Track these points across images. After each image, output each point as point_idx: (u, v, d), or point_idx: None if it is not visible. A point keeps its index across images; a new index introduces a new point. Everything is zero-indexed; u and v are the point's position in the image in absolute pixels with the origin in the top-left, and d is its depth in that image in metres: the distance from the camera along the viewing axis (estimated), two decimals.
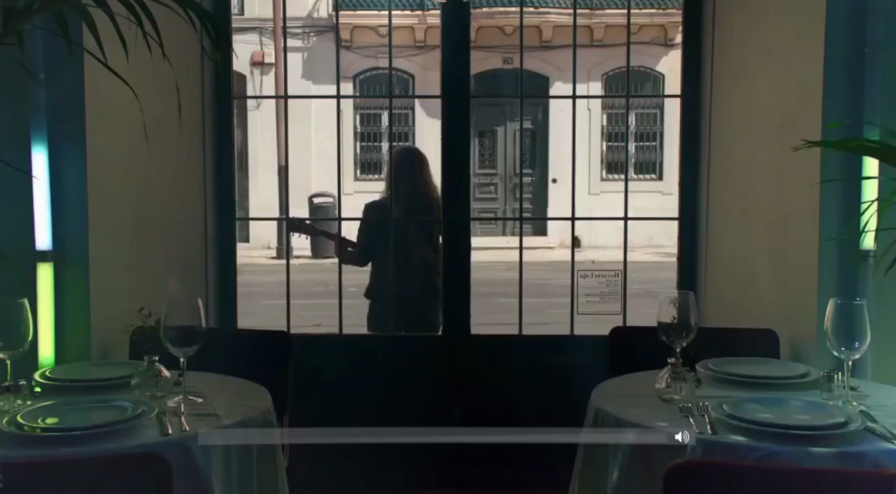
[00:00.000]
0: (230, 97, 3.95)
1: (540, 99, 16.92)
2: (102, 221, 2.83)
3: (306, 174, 15.24)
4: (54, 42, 2.45)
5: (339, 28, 15.25)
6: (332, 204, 15.06)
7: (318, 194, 14.38)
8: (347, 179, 16.62)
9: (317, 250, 13.68)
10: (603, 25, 16.52)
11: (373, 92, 17.43)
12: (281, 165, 16.40)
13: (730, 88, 3.66)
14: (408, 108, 16.76)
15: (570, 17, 4.40)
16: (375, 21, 16.63)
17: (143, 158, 3.14)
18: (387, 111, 17.36)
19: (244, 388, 2.43)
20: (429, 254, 4.19)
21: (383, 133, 17.67)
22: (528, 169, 17.65)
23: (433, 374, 3.85)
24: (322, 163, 14.84)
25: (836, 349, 2.22)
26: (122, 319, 2.78)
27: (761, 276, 3.32)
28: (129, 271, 3.10)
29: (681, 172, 3.99)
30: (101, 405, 2.13)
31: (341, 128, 17.41)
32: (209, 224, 3.83)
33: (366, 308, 4.21)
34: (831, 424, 1.95)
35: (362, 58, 16.58)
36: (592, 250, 14.43)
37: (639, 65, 16.89)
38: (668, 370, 2.31)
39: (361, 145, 17.55)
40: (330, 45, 17.19)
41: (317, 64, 16.49)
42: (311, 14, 17.50)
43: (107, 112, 2.80)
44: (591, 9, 16.44)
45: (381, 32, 16.83)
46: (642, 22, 16.74)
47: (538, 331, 4.39)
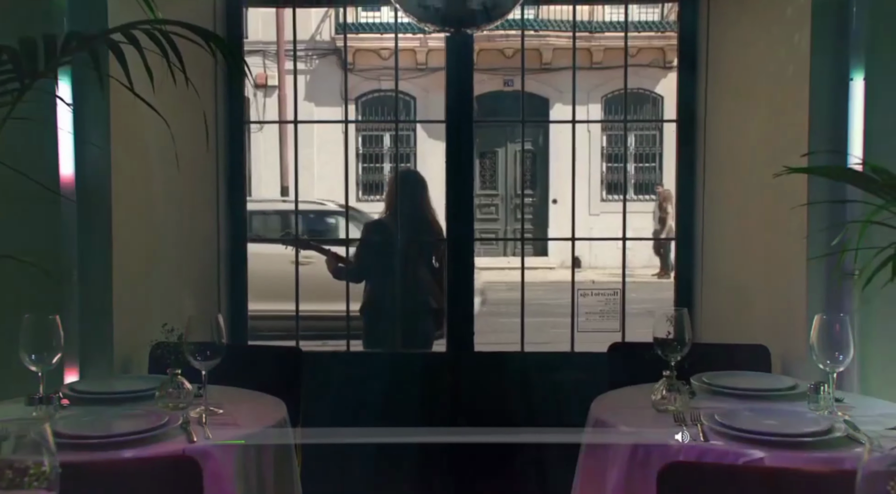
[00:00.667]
0: (242, 122, 4.10)
1: (541, 119, 17.11)
2: (124, 240, 2.97)
3: (308, 195, 15.41)
4: (82, 70, 2.61)
5: (346, 53, 15.45)
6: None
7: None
8: (351, 199, 16.80)
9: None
10: (602, 48, 16.74)
11: (375, 114, 17.65)
12: (284, 186, 16.62)
13: (723, 112, 3.81)
14: (409, 129, 16.97)
15: (570, 39, 4.55)
16: (377, 44, 16.87)
17: (162, 180, 3.29)
18: (388, 133, 17.60)
19: (261, 400, 2.56)
20: (425, 274, 4.33)
21: (385, 154, 17.87)
22: (529, 190, 17.82)
23: (438, 389, 3.97)
24: (324, 184, 15.01)
25: (822, 362, 2.35)
26: (141, 335, 2.91)
27: (754, 294, 3.46)
28: (145, 290, 3.24)
29: (677, 194, 4.12)
30: (129, 415, 2.26)
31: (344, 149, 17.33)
32: (221, 244, 3.97)
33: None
34: (816, 431, 2.08)
35: (364, 80, 16.82)
36: (593, 270, 14.58)
37: (638, 87, 17.09)
38: (663, 382, 2.44)
39: (363, 166, 17.73)
40: (332, 68, 17.43)
41: (319, 86, 16.72)
42: (314, 37, 17.74)
43: (129, 138, 2.95)
44: (591, 32, 16.65)
45: (383, 55, 17.07)
46: (641, 45, 16.96)
47: (539, 349, 4.52)
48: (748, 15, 3.59)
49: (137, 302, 3.10)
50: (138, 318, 3.07)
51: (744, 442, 2.05)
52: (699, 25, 3.93)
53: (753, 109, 3.47)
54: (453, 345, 4.04)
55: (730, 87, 3.75)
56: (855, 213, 2.59)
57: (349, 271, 4.38)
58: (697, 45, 3.97)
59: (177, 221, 3.54)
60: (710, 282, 3.91)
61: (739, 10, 3.66)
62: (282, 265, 5.68)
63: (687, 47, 4.04)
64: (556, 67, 16.68)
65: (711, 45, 3.88)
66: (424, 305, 4.31)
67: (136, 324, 3.02)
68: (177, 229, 3.53)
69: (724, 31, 3.79)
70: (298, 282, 4.20)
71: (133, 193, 3.08)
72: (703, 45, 3.92)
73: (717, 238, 3.86)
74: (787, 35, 3.14)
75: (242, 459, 2.16)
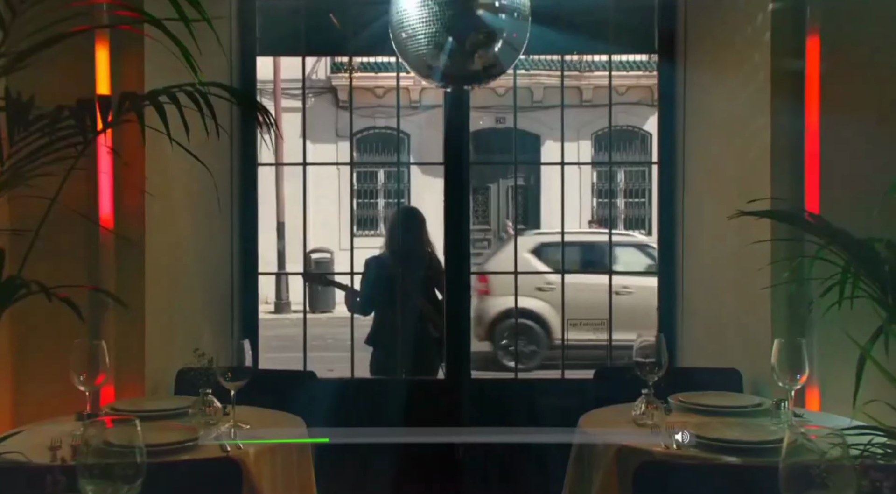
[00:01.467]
0: (255, 164, 4.41)
1: (533, 155, 17.46)
2: (154, 274, 3.27)
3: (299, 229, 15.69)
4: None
5: (352, 98, 15.79)
6: (330, 259, 15.54)
7: (316, 249, 14.84)
8: (345, 234, 17.12)
9: (314, 304, 14.10)
10: (592, 86, 17.16)
11: (369, 150, 18.01)
12: (280, 222, 16.92)
13: (699, 153, 4.14)
14: (404, 166, 17.31)
15: (560, 78, 4.90)
16: (371, 82, 17.27)
17: (185, 218, 3.59)
18: (382, 169, 17.97)
19: (282, 418, 2.84)
20: (425, 305, 4.62)
21: (379, 190, 18.22)
22: (521, 225, 18.15)
23: (437, 413, 4.25)
24: (319, 219, 15.31)
25: (782, 381, 2.66)
26: (167, 360, 3.20)
27: (728, 322, 3.77)
28: (170, 318, 3.52)
29: (659, 230, 4.44)
30: (168, 429, 2.54)
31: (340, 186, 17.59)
32: (235, 278, 4.26)
33: (367, 356, 4.63)
34: (772, 440, 2.37)
35: (359, 117, 17.17)
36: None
37: (626, 124, 17.46)
38: (642, 399, 2.74)
39: (357, 202, 18.06)
40: (327, 106, 17.82)
41: (314, 124, 17.06)
42: (310, 76, 18.14)
43: (159, 181, 3.26)
44: (580, 71, 17.08)
45: (378, 93, 17.48)
46: (630, 83, 17.34)
47: (532, 376, 4.82)
48: (720, 65, 3.93)
49: (163, 329, 3.39)
50: (165, 344, 3.36)
51: (711, 450, 2.34)
52: (677, 74, 4.26)
53: (726, 152, 3.80)
54: (452, 372, 4.32)
55: (705, 130, 4.08)
56: (812, 248, 2.91)
57: (355, 305, 4.67)
58: (675, 91, 4.30)
59: (197, 254, 3.84)
60: (690, 312, 4.21)
61: (713, 59, 4.01)
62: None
63: (666, 93, 4.37)
64: (547, 105, 17.07)
65: (688, 91, 4.21)
66: (427, 335, 4.59)
67: (164, 350, 3.31)
68: (197, 262, 3.83)
69: (700, 79, 4.13)
70: (306, 318, 4.48)
71: (161, 230, 3.38)
72: (681, 92, 4.25)
73: (695, 272, 4.17)
74: (751, 84, 3.48)
75: (269, 466, 2.44)
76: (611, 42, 4.35)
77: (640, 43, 4.67)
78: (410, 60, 3.08)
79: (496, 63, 3.03)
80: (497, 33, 2.96)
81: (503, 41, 2.98)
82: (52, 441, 2.37)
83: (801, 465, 1.45)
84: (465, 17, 2.89)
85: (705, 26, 4.07)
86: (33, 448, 2.30)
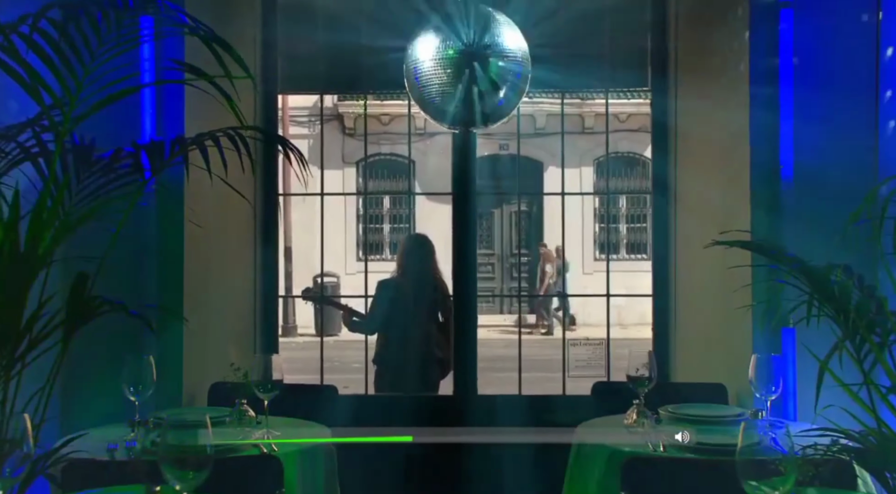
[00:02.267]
0: (276, 194, 4.74)
1: (535, 181, 17.79)
2: (191, 295, 3.59)
3: (311, 255, 16.01)
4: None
5: (366, 127, 16.15)
6: (336, 283, 15.86)
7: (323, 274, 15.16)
8: (350, 259, 17.47)
9: (323, 327, 14.38)
10: (593, 113, 17.50)
11: (375, 176, 18.41)
12: (287, 246, 17.27)
13: (689, 183, 4.47)
14: (407, 191, 17.67)
15: (561, 112, 5.27)
16: (377, 110, 17.68)
17: (217, 243, 3.91)
18: (388, 195, 18.36)
19: (309, 426, 3.15)
20: (431, 328, 4.94)
21: (385, 215, 18.59)
22: (524, 249, 18.48)
23: (446, 427, 4.55)
24: (326, 244, 15.59)
25: (759, 392, 2.96)
26: (200, 374, 3.52)
27: (715, 341, 4.08)
28: (202, 335, 3.84)
29: (653, 253, 4.76)
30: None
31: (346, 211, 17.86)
32: (257, 300, 4.58)
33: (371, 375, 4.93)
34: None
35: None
36: (587, 327, 15.13)
37: (628, 151, 17.80)
38: (633, 408, 3.05)
39: (363, 227, 18.40)
40: (334, 133, 18.20)
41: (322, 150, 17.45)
42: (317, 104, 18.56)
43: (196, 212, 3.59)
44: (582, 99, 17.44)
45: (383, 120, 17.90)
46: (630, 111, 17.69)
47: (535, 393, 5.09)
48: (706, 97, 4.27)
49: (197, 347, 3.70)
50: (198, 360, 3.67)
51: (693, 451, 2.65)
52: (668, 105, 4.60)
53: (709, 184, 4.14)
54: (460, 388, 4.62)
55: (695, 161, 4.42)
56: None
57: (362, 324, 4.99)
58: (667, 121, 4.63)
59: (225, 277, 4.16)
60: (683, 331, 4.52)
61: (700, 91, 4.35)
62: None
63: (658, 127, 4.69)
64: (550, 132, 17.40)
65: (679, 125, 4.54)
66: (431, 355, 4.90)
67: (198, 365, 3.63)
68: (225, 285, 4.15)
69: (690, 113, 4.46)
70: (323, 341, 4.78)
71: (196, 256, 3.70)
72: (673, 121, 4.59)
73: (687, 294, 4.48)
74: (733, 119, 3.82)
75: (300, 468, 2.75)
76: (606, 79, 4.70)
77: (633, 78, 5.02)
78: (423, 105, 3.42)
79: (500, 109, 3.37)
80: (501, 83, 3.31)
81: (507, 88, 3.34)
82: (111, 443, 2.69)
83: (751, 456, 1.76)
84: (472, 68, 3.24)
85: (694, 62, 4.42)
86: (93, 450, 2.60)
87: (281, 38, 4.62)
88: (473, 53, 3.25)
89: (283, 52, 4.68)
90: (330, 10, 4.66)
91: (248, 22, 4.47)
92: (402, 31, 3.79)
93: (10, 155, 2.56)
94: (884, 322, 2.14)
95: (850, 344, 2.40)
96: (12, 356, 2.25)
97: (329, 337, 13.47)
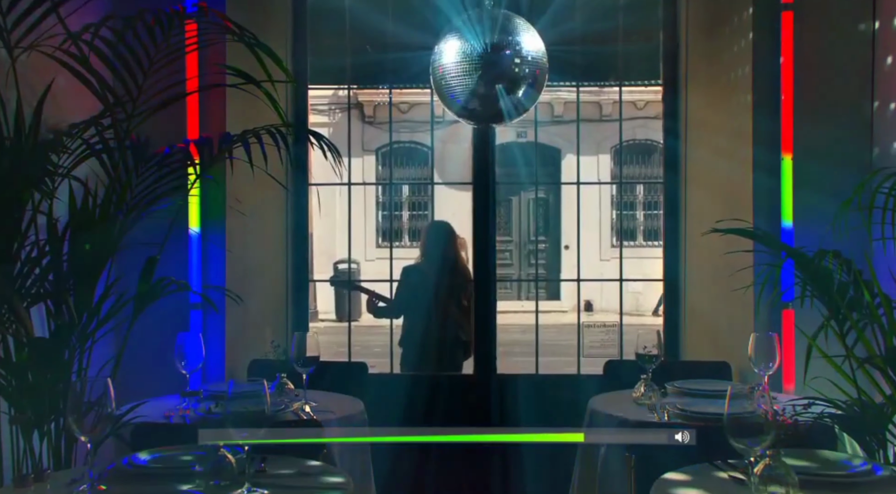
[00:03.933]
0: (307, 184, 5.01)
1: (553, 168, 17.97)
2: (232, 278, 3.88)
3: (331, 241, 16.30)
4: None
5: (391, 117, 16.37)
6: (357, 269, 16.15)
7: (342, 260, 15.44)
8: (370, 246, 17.77)
9: (342, 313, 14.71)
10: (611, 101, 17.61)
11: (394, 164, 18.68)
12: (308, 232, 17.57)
13: (698, 172, 4.70)
14: (427, 179, 17.92)
15: (580, 94, 5.51)
16: (397, 99, 17.87)
17: (253, 230, 4.20)
18: (406, 182, 18.62)
19: (344, 398, 3.42)
20: (454, 311, 5.19)
21: (403, 202, 18.86)
22: (542, 236, 18.70)
23: (468, 404, 4.82)
24: (345, 230, 15.89)
25: (758, 367, 3.21)
26: (240, 350, 3.80)
27: (722, 321, 4.33)
28: (242, 316, 4.12)
29: (665, 238, 5.01)
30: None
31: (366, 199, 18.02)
32: (290, 284, 4.86)
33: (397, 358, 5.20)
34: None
35: (384, 132, 17.81)
36: (604, 313, 15.35)
37: (645, 138, 17.89)
38: (641, 382, 3.31)
39: (383, 214, 18.68)
40: (354, 121, 18.45)
41: (341, 138, 17.65)
42: (336, 92, 18.81)
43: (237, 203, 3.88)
44: (600, 86, 17.58)
45: (402, 109, 18.14)
46: (648, 98, 17.68)
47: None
48: (714, 89, 4.50)
49: (237, 326, 3.99)
50: (239, 338, 3.96)
51: (692, 420, 2.91)
52: (679, 96, 4.83)
53: (717, 171, 4.38)
54: (480, 368, 4.89)
55: (705, 151, 4.65)
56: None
57: (388, 308, 5.25)
58: (678, 111, 4.87)
59: (261, 262, 4.45)
60: (692, 314, 4.77)
61: (708, 83, 4.59)
62: None
63: (669, 113, 4.94)
64: (567, 120, 17.58)
65: (689, 121, 4.78)
66: (455, 337, 5.16)
67: (238, 343, 3.91)
68: (261, 269, 4.44)
69: (699, 109, 4.70)
70: (350, 327, 5.06)
71: (235, 242, 3.99)
72: (683, 112, 4.82)
73: (696, 279, 4.73)
74: (737, 113, 4.06)
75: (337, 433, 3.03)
76: (620, 73, 4.94)
77: (646, 72, 5.26)
78: (447, 102, 3.69)
79: (519, 105, 3.63)
80: (521, 81, 3.56)
81: (526, 86, 3.59)
82: (167, 411, 2.98)
83: (738, 417, 2.03)
84: (494, 68, 3.50)
85: (703, 58, 4.65)
86: (151, 416, 2.90)
87: (310, 34, 4.90)
88: (494, 53, 3.51)
89: (311, 51, 4.95)
90: (356, 7, 4.93)
91: (280, 18, 4.74)
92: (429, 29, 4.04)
93: (76, 151, 2.85)
94: (860, 303, 2.39)
95: (835, 323, 2.66)
96: (85, 332, 2.54)
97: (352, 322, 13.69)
